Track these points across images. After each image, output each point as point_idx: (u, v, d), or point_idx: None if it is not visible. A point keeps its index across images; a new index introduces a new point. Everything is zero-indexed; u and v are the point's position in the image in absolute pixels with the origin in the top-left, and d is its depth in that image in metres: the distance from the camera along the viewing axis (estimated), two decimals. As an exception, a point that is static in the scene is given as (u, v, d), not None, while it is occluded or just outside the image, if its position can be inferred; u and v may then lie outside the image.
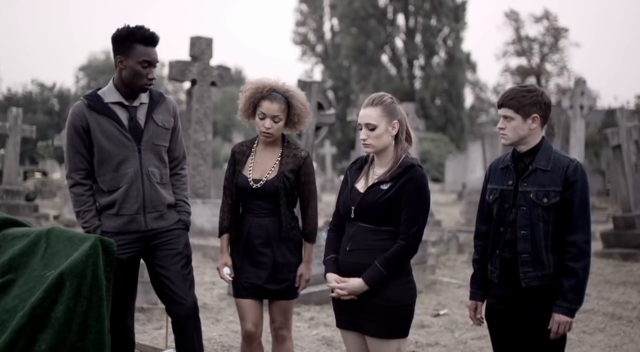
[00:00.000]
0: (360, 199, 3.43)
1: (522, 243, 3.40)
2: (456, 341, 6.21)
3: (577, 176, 3.38)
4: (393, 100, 3.47)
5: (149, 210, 4.01)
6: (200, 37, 11.63)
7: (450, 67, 47.55)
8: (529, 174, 3.43)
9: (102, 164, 3.96)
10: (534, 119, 3.42)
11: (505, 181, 3.50)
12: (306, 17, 53.91)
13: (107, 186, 3.97)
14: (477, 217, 3.70)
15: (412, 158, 3.46)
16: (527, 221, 3.39)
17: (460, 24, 48.24)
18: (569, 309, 3.34)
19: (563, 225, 3.38)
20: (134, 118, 3.99)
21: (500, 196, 3.50)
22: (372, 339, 3.41)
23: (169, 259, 4.05)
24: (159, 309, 6.65)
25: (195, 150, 11.45)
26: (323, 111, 7.82)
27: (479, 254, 3.65)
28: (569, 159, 3.44)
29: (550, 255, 3.39)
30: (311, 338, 6.13)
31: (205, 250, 10.16)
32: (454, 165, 29.89)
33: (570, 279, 3.33)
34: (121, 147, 3.94)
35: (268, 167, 4.02)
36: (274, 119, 3.97)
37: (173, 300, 4.05)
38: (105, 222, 3.99)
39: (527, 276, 3.39)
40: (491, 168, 3.64)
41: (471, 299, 3.69)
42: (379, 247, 3.36)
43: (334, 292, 3.43)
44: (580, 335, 6.36)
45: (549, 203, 3.37)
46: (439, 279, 9.05)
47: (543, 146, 3.47)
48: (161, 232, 4.06)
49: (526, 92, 3.42)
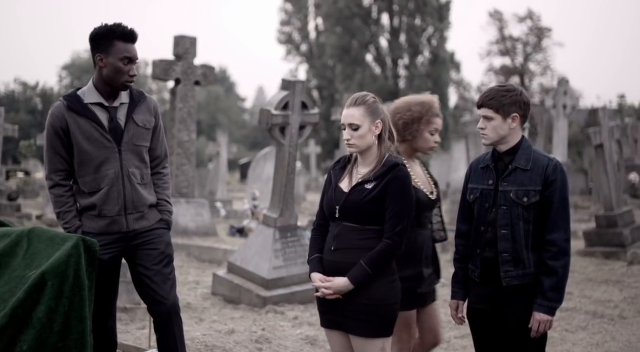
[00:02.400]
0: (344, 198, 3.43)
1: (502, 242, 3.42)
2: (440, 339, 6.22)
3: (557, 175, 3.41)
4: (376, 100, 3.48)
5: (130, 211, 4.00)
6: (184, 36, 11.58)
7: (435, 67, 47.64)
8: (509, 173, 3.46)
9: (82, 165, 3.93)
10: (514, 118, 3.45)
11: (485, 180, 3.53)
12: (291, 17, 53.84)
13: (87, 187, 3.95)
14: (458, 216, 3.72)
15: (395, 157, 3.47)
16: (508, 220, 3.42)
17: (444, 23, 48.33)
18: (549, 307, 3.37)
19: (543, 224, 3.40)
20: (114, 119, 3.96)
21: (480, 196, 3.52)
22: (356, 338, 3.41)
23: (150, 259, 4.04)
24: (141, 309, 6.63)
25: (179, 150, 11.41)
26: (307, 110, 7.82)
27: (459, 253, 3.68)
28: (548, 158, 3.47)
29: (531, 254, 3.41)
30: (295, 337, 6.13)
31: (189, 249, 10.12)
32: (437, 165, 29.92)
33: (550, 278, 3.36)
34: (101, 149, 3.92)
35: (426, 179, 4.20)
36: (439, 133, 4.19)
37: (154, 300, 4.04)
38: (86, 222, 3.97)
39: (508, 274, 3.41)
40: (471, 168, 3.67)
41: (452, 298, 3.71)
42: (364, 246, 3.36)
43: (318, 292, 3.43)
44: (562, 333, 6.40)
45: (528, 202, 3.40)
46: (423, 278, 9.05)
47: (522, 145, 3.50)
48: (143, 232, 4.05)
49: (505, 91, 3.45)
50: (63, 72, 55.43)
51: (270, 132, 7.70)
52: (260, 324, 6.54)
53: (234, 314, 7.01)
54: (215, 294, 7.77)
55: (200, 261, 9.85)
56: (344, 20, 47.26)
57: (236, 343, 5.81)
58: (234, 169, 38.60)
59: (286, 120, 7.67)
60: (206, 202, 12.16)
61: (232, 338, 5.96)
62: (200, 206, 11.53)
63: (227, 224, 14.53)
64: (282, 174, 7.82)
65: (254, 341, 5.88)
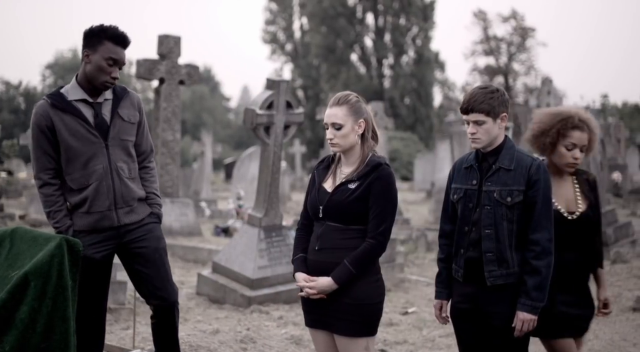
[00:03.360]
0: (328, 198, 3.43)
1: (486, 242, 3.43)
2: (424, 338, 6.25)
3: (540, 174, 3.43)
4: (359, 99, 3.48)
5: (120, 205, 4.01)
6: (169, 36, 11.55)
7: (419, 67, 47.77)
8: (493, 173, 3.47)
9: (69, 162, 3.93)
10: (503, 118, 3.49)
11: (469, 180, 3.54)
12: (276, 16, 53.82)
13: (76, 184, 3.95)
14: (442, 216, 3.73)
15: (378, 156, 3.47)
16: (491, 220, 3.43)
17: (428, 23, 48.48)
18: (532, 307, 3.38)
19: (526, 224, 3.42)
20: (99, 114, 3.97)
21: (464, 196, 3.53)
22: (340, 337, 3.42)
23: (146, 257, 4.07)
24: (126, 309, 6.60)
25: (163, 149, 11.38)
26: (292, 110, 7.82)
27: (443, 253, 3.69)
28: (532, 158, 3.48)
29: (515, 253, 3.42)
30: (280, 337, 6.13)
31: (173, 249, 10.09)
32: (422, 164, 30.00)
33: (534, 278, 3.38)
34: (88, 144, 3.92)
35: (573, 197, 3.95)
36: (581, 149, 3.93)
37: (154, 294, 4.10)
38: (76, 221, 3.96)
39: (492, 274, 3.42)
40: (455, 168, 3.67)
41: (436, 298, 3.72)
42: (348, 246, 3.37)
43: (302, 292, 3.43)
44: (546, 332, 6.43)
45: (512, 202, 3.41)
46: (408, 278, 9.09)
47: (506, 145, 3.51)
48: (134, 228, 4.07)
49: (491, 93, 3.45)
50: (46, 71, 55.12)
51: (255, 131, 7.69)
52: (245, 324, 6.53)
53: (219, 314, 7.00)
54: (199, 294, 7.76)
55: (184, 260, 9.82)
56: (329, 20, 47.30)
57: (221, 343, 5.80)
58: (218, 169, 38.54)
59: (271, 119, 7.66)
60: (191, 202, 12.13)
61: (217, 338, 5.95)
62: (185, 206, 11.49)
63: (212, 224, 14.50)
64: (267, 173, 7.82)
65: (238, 341, 5.88)
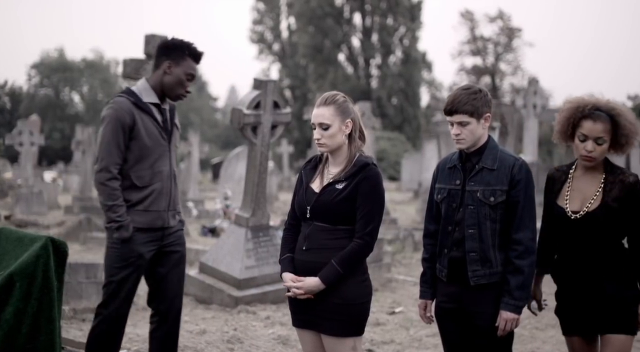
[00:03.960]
0: (315, 198, 3.43)
1: (470, 242, 3.44)
2: (411, 338, 6.26)
3: (522, 174, 3.43)
4: (346, 99, 3.48)
5: (171, 208, 4.25)
6: (155, 35, 11.47)
7: (407, 67, 47.85)
8: (476, 173, 3.48)
9: (140, 160, 4.11)
10: (486, 118, 3.49)
11: (452, 180, 3.55)
12: (263, 16, 53.79)
13: (141, 181, 4.12)
14: (426, 216, 3.73)
15: (366, 156, 3.47)
16: (475, 219, 3.44)
17: (416, 23, 48.57)
18: (515, 306, 3.40)
19: (509, 223, 3.43)
20: (166, 120, 4.21)
21: (448, 196, 3.54)
22: (327, 337, 3.42)
23: (173, 262, 4.31)
24: (113, 309, 6.57)
25: (150, 149, 11.35)
26: (279, 110, 7.82)
27: (428, 253, 3.68)
28: (514, 157, 3.49)
29: (498, 253, 3.43)
30: (267, 337, 6.13)
31: (160, 250, 10.06)
32: (410, 164, 30.07)
33: (517, 277, 3.38)
34: (158, 146, 4.15)
35: (589, 196, 3.62)
36: (597, 141, 3.56)
37: (165, 299, 4.29)
38: (133, 217, 4.12)
39: (476, 274, 3.43)
40: (439, 168, 3.67)
41: (421, 298, 3.73)
42: (335, 246, 3.37)
43: (290, 292, 3.43)
44: (532, 331, 6.46)
45: (495, 202, 3.42)
46: (395, 277, 9.10)
47: (489, 145, 3.52)
48: (172, 232, 4.30)
49: (474, 93, 3.46)
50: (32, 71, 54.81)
51: (242, 131, 7.68)
52: (232, 324, 6.52)
53: (206, 314, 6.98)
54: (186, 294, 7.73)
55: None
56: (317, 19, 47.31)
57: (208, 343, 5.79)
58: (206, 169, 38.45)
59: (258, 119, 7.65)
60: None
61: (204, 338, 5.94)
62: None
63: (199, 224, 14.47)
64: (254, 173, 7.81)
65: (225, 341, 5.87)
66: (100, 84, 52.85)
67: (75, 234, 11.43)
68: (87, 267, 6.68)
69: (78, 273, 6.57)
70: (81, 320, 6.33)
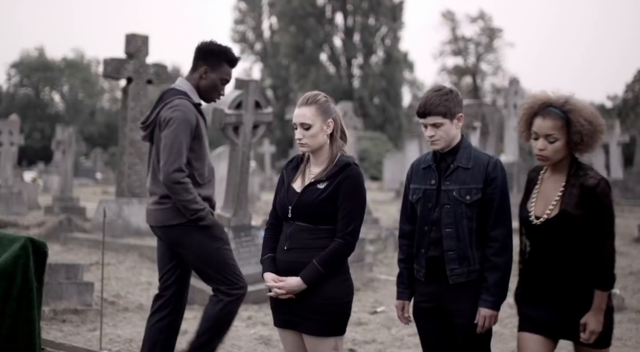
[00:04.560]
0: (297, 198, 3.43)
1: (447, 241, 3.45)
2: (393, 337, 6.27)
3: (497, 172, 3.46)
4: (327, 99, 3.49)
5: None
6: (136, 35, 11.45)
7: (388, 67, 47.96)
8: (451, 172, 3.50)
9: (199, 159, 4.37)
10: (459, 118, 3.51)
11: (427, 180, 3.55)
12: (245, 15, 53.71)
13: (202, 179, 4.40)
14: (401, 217, 3.72)
15: (347, 156, 3.48)
16: (452, 218, 3.45)
17: (397, 23, 48.71)
18: (494, 302, 3.42)
19: (486, 221, 3.45)
20: (205, 120, 4.44)
21: (423, 196, 3.54)
22: (309, 337, 3.42)
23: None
24: (93, 310, 6.54)
25: (131, 149, 11.28)
26: (261, 109, 7.81)
27: (403, 253, 3.67)
28: (489, 156, 3.52)
29: (475, 251, 3.45)
30: (249, 337, 6.12)
31: (141, 250, 10.02)
32: (392, 164, 30.14)
33: (494, 274, 3.41)
34: (206, 146, 4.47)
35: (550, 201, 3.40)
36: (548, 139, 3.36)
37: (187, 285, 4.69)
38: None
39: (454, 272, 3.44)
40: (413, 168, 3.67)
41: (398, 299, 3.71)
42: (317, 246, 3.37)
43: (271, 292, 3.42)
44: (513, 330, 6.49)
45: (471, 200, 3.44)
46: (377, 277, 9.12)
47: (463, 144, 3.54)
48: None
49: (445, 95, 3.47)
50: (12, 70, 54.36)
51: (224, 131, 7.66)
52: (213, 324, 6.49)
53: (187, 314, 6.92)
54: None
55: (153, 261, 9.73)
56: (298, 19, 47.32)
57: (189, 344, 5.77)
58: (187, 169, 38.29)
59: (239, 119, 7.64)
60: (159, 202, 12.01)
61: (185, 339, 5.90)
62: (153, 206, 11.37)
63: (181, 224, 14.39)
64: (236, 173, 7.79)
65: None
66: (80, 83, 52.51)
67: (56, 234, 11.36)
68: (67, 267, 6.63)
69: (58, 274, 6.53)
70: (61, 321, 6.29)
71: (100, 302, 6.32)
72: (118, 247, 10.16)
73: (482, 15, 52.15)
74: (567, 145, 3.35)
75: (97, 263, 8.99)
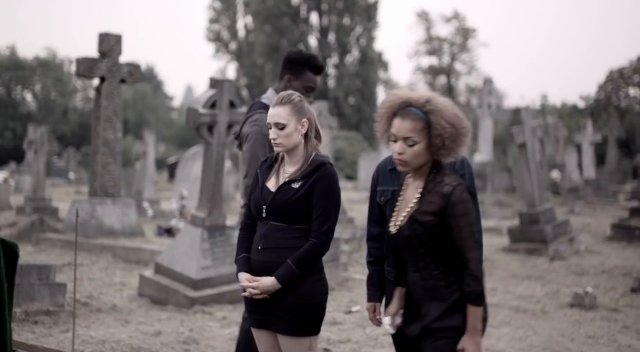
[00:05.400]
0: (271, 198, 3.42)
1: None
2: (368, 337, 6.28)
3: (465, 169, 3.41)
4: (302, 99, 3.48)
5: None
6: (109, 34, 11.37)
7: (364, 66, 48.05)
8: None
9: None
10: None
11: (395, 182, 3.42)
12: (220, 15, 53.47)
13: None
14: (369, 220, 3.61)
15: (322, 156, 3.48)
16: None
17: (372, 23, 48.81)
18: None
19: None
20: None
21: (392, 198, 3.40)
22: (284, 337, 3.41)
23: None
24: (66, 312, 6.48)
25: (105, 149, 11.19)
26: (235, 109, 7.79)
27: (372, 256, 3.57)
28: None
29: None
30: (224, 338, 6.09)
31: (115, 251, 9.95)
32: (367, 164, 30.16)
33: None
34: None
35: (405, 209, 3.19)
36: (407, 142, 3.10)
37: None
38: None
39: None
40: (379, 171, 3.55)
41: (369, 301, 3.58)
42: (292, 245, 3.36)
43: (246, 292, 3.41)
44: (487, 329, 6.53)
45: None
46: (352, 276, 9.13)
47: None
48: None
49: None
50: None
51: (198, 131, 7.64)
52: (188, 325, 6.48)
53: (162, 315, 6.92)
54: (142, 295, 7.65)
55: (127, 262, 9.68)
56: (273, 19, 47.25)
57: (163, 345, 5.74)
58: (162, 169, 38.11)
59: (214, 119, 7.61)
60: (133, 202, 11.96)
61: (160, 340, 5.89)
62: (127, 206, 11.32)
63: (155, 225, 14.33)
64: (211, 173, 7.77)
65: (181, 342, 5.83)
66: (53, 82, 51.98)
67: (28, 235, 11.24)
68: (39, 268, 6.56)
69: (30, 275, 6.46)
70: (33, 323, 6.22)
71: (73, 304, 6.27)
72: (91, 248, 10.08)
73: (456, 15, 52.45)
74: (428, 149, 3.07)
75: (70, 264, 8.91)
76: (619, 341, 6.35)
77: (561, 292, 8.37)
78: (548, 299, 8.00)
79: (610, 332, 6.64)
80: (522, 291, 8.43)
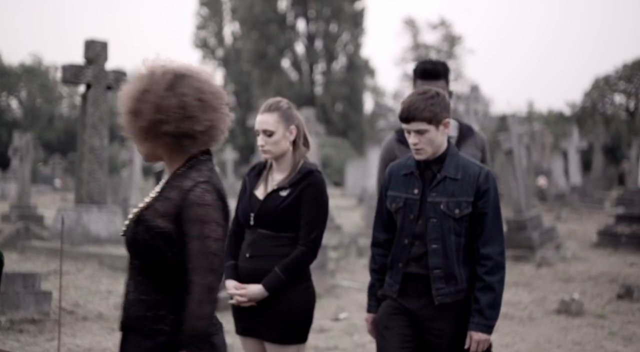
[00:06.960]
0: (259, 205, 3.41)
1: (433, 258, 3.14)
2: (355, 344, 6.27)
3: (489, 184, 3.18)
4: (290, 106, 3.47)
5: None
6: (95, 40, 11.33)
7: (350, 73, 48.11)
8: (438, 183, 3.18)
9: None
10: (445, 124, 3.19)
11: (409, 189, 3.22)
12: (206, 21, 53.42)
13: None
14: (376, 224, 3.40)
15: (310, 163, 3.47)
16: (439, 233, 3.14)
17: (359, 30, 48.89)
18: (487, 325, 3.13)
19: (475, 236, 3.17)
20: None
21: (404, 205, 3.21)
22: (270, 344, 3.40)
23: None
24: (51, 320, 6.43)
25: (90, 156, 11.13)
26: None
27: (377, 263, 3.36)
28: (479, 166, 3.25)
29: (463, 269, 3.17)
30: (211, 346, 6.05)
31: (101, 258, 9.88)
32: (354, 170, 30.23)
33: (487, 295, 3.11)
34: None
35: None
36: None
37: None
38: None
39: (440, 292, 3.14)
40: (391, 173, 3.33)
41: (369, 312, 3.45)
42: (279, 253, 3.35)
43: (233, 299, 3.40)
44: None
45: (461, 214, 3.14)
46: (339, 284, 9.12)
47: (450, 152, 3.23)
48: None
49: (431, 98, 3.14)
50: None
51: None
52: (174, 333, 6.43)
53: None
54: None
55: (112, 269, 9.61)
56: (260, 25, 47.22)
57: (150, 353, 5.70)
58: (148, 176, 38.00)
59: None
60: (119, 210, 11.89)
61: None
62: (113, 213, 11.24)
63: (141, 232, 14.25)
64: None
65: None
66: (39, 89, 51.76)
67: (13, 242, 11.16)
68: (24, 276, 6.51)
69: (15, 283, 6.40)
70: (18, 331, 6.17)
71: (58, 312, 6.22)
72: (77, 256, 10.01)
73: (442, 22, 52.66)
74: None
75: (55, 272, 8.85)
76: (605, 347, 6.36)
77: (548, 298, 8.39)
78: (535, 306, 8.02)
79: (597, 338, 6.66)
80: (508, 297, 8.44)
